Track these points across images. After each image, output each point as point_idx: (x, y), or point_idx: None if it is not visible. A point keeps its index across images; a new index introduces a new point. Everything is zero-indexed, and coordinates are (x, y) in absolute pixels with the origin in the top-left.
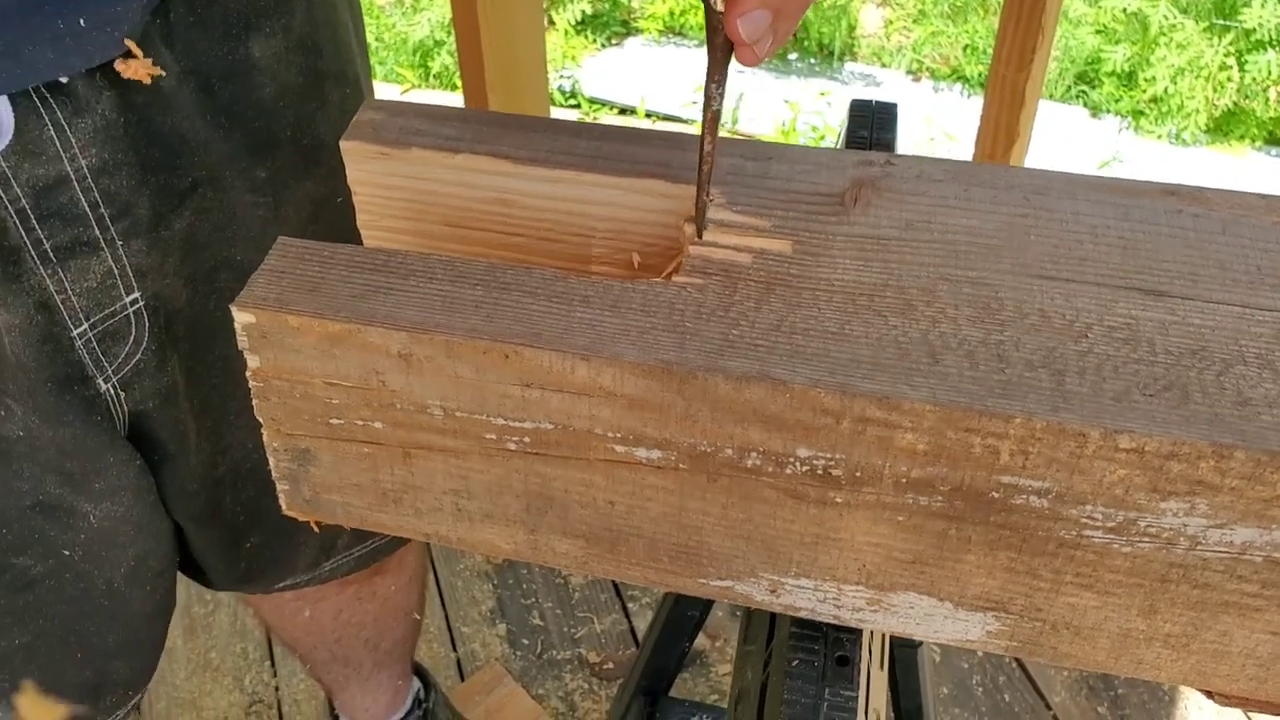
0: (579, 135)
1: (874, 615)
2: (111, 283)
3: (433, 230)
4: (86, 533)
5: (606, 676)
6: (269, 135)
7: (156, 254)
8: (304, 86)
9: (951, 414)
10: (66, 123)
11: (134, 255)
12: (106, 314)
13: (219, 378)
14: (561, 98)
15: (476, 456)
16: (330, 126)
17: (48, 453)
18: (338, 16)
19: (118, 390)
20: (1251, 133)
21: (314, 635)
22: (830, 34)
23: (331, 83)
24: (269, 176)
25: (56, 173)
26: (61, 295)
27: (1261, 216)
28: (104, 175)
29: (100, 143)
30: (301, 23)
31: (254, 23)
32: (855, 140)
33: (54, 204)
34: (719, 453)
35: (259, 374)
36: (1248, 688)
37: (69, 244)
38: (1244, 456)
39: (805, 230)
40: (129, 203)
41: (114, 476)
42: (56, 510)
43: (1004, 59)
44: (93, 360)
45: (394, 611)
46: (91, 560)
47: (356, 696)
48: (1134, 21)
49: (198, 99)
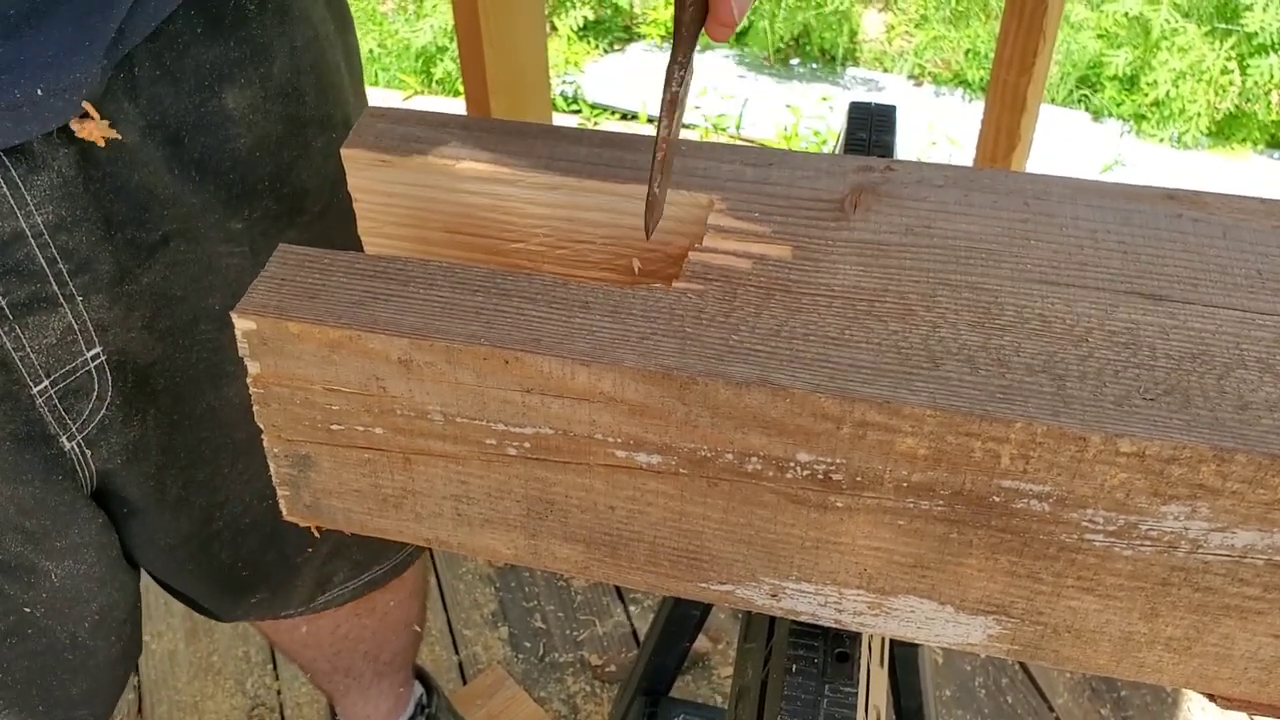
0: (579, 142)
1: (875, 619)
2: (71, 338)
3: (433, 237)
4: (48, 591)
5: (609, 679)
6: (245, 186)
7: (120, 308)
8: (284, 135)
9: (952, 419)
10: (21, 180)
11: (95, 310)
12: (67, 370)
13: (209, 430)
14: (564, 103)
15: (477, 462)
16: (314, 173)
17: (6, 511)
18: (325, 60)
19: (83, 448)
20: (1253, 136)
21: (312, 649)
22: (832, 39)
23: (315, 129)
24: (245, 227)
25: (12, 229)
26: (20, 353)
27: (1261, 221)
28: (61, 231)
29: (57, 200)
30: (282, 69)
31: (228, 73)
32: (854, 143)
33: (10, 260)
34: (719, 458)
35: (259, 380)
36: (1250, 690)
37: (26, 300)
38: (1245, 460)
39: (805, 236)
40: (89, 258)
41: (75, 535)
42: (17, 570)
43: (1005, 63)
44: (55, 418)
45: (393, 626)
46: (54, 616)
47: (358, 704)
48: (1136, 25)
49: (165, 152)
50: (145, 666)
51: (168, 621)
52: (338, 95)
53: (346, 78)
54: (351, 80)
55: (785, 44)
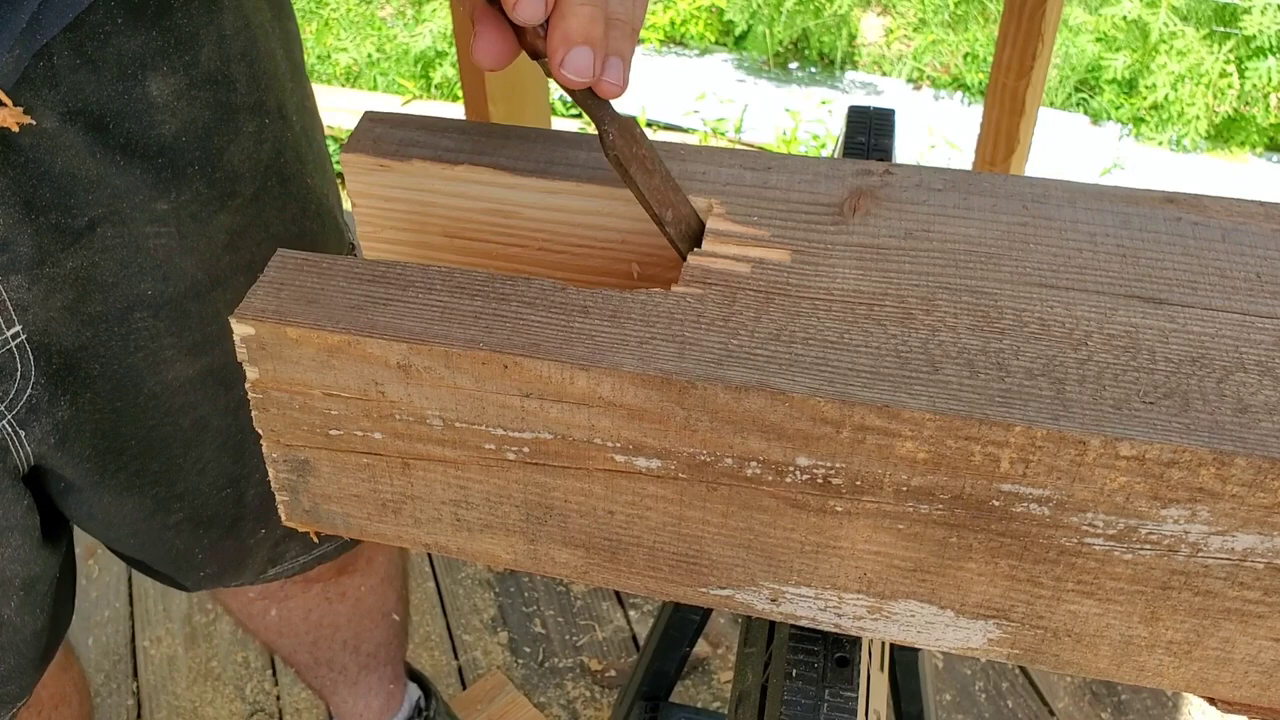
0: (578, 146)
1: (875, 624)
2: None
3: (432, 241)
4: None
5: (608, 684)
6: (173, 170)
7: (40, 289)
8: (213, 120)
9: (951, 422)
10: None
11: (14, 290)
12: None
13: (155, 418)
14: (563, 107)
15: (476, 467)
16: (246, 158)
17: None
18: (258, 47)
19: (15, 428)
20: (1252, 139)
21: (287, 637)
22: (831, 43)
23: (246, 115)
24: (172, 208)
25: None
26: None
27: (1260, 224)
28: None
29: None
30: (210, 57)
31: (151, 62)
32: (853, 146)
33: None
34: (719, 462)
35: (258, 385)
36: (1250, 695)
37: None
38: (1245, 463)
39: (804, 240)
40: (6, 239)
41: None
42: None
43: (1004, 67)
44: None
45: (369, 613)
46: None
47: (348, 701)
48: (1134, 29)
49: (88, 138)
50: (144, 672)
51: (166, 627)
52: (271, 82)
53: (283, 64)
54: (290, 66)
55: (784, 48)
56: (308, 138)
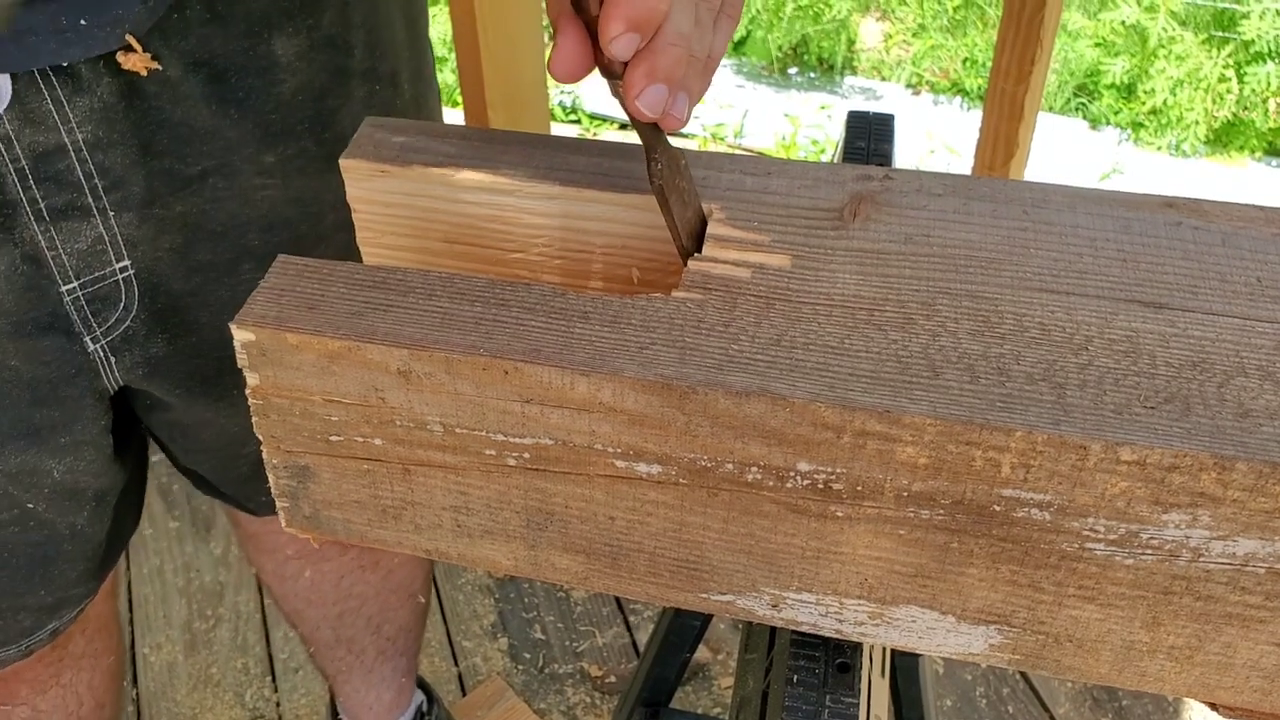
0: (578, 152)
1: (876, 629)
2: (101, 249)
3: (433, 247)
4: (50, 486)
5: (609, 690)
6: (284, 126)
7: (148, 228)
8: (328, 83)
9: (952, 428)
10: (66, 99)
11: (125, 226)
12: (96, 277)
13: None
14: (562, 113)
15: (476, 472)
16: (354, 121)
17: (20, 407)
18: (378, 16)
19: (107, 353)
20: (1251, 144)
21: (316, 606)
22: (830, 48)
23: (359, 80)
24: (278, 161)
25: (55, 142)
26: (52, 252)
27: (1260, 228)
28: (98, 150)
29: (96, 121)
30: (331, 22)
31: (277, 22)
32: (853, 151)
33: (51, 169)
34: (719, 467)
35: (258, 391)
36: (1252, 700)
37: (62, 207)
38: (1246, 468)
39: (805, 245)
40: (122, 178)
41: (79, 431)
42: (19, 474)
43: (1003, 72)
44: (80, 318)
45: (397, 589)
46: (55, 510)
47: (360, 690)
48: (1133, 34)
49: (208, 89)
50: (144, 678)
51: (166, 634)
52: (387, 50)
53: (402, 33)
54: (409, 36)
55: (784, 53)
56: (418, 104)
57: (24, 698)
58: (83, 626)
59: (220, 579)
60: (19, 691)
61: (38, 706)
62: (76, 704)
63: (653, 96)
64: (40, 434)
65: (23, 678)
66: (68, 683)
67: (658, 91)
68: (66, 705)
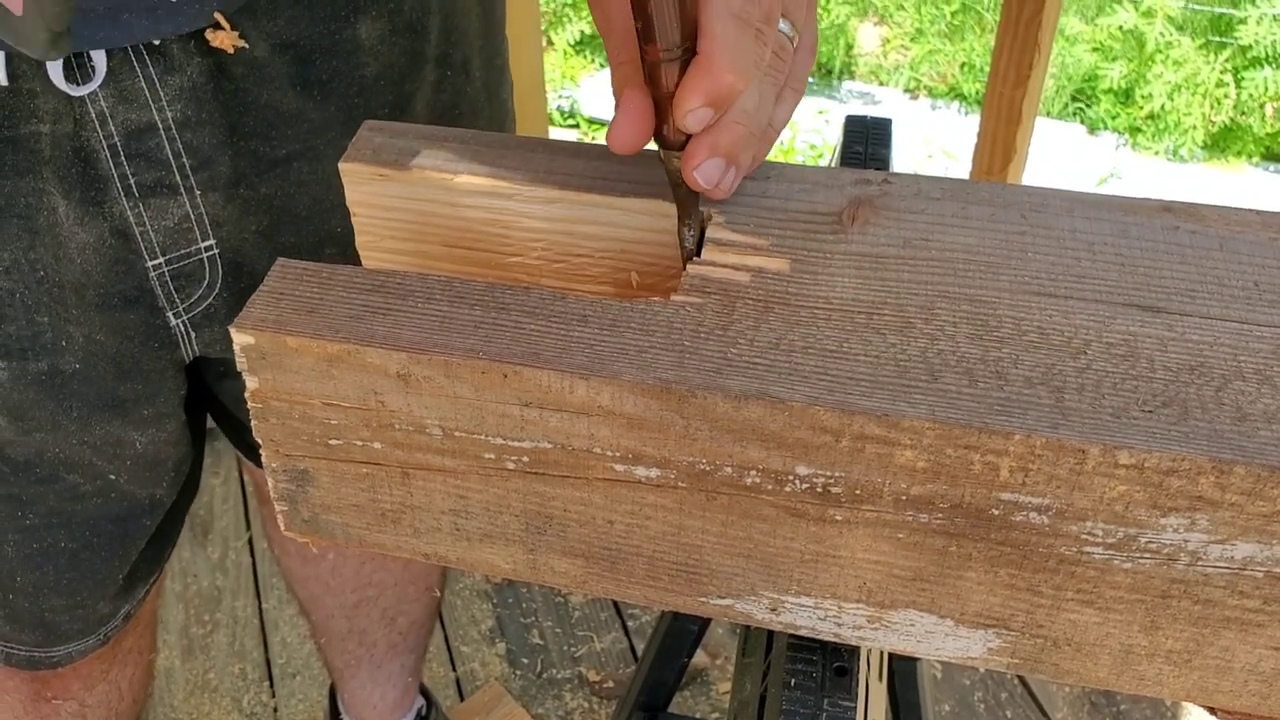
0: (577, 155)
1: (874, 633)
2: (188, 226)
3: (432, 251)
4: (132, 459)
5: (606, 695)
6: (366, 111)
7: (234, 208)
8: (406, 67)
9: (951, 431)
10: (157, 78)
11: (211, 206)
12: (182, 254)
13: None
14: (560, 118)
15: (475, 476)
16: (427, 106)
17: (105, 380)
18: (454, 3)
19: (188, 328)
20: (1248, 149)
21: (334, 593)
22: (828, 53)
23: (431, 66)
24: None
25: (146, 120)
26: (140, 228)
27: (1258, 233)
28: (187, 129)
29: (186, 100)
30: (412, 7)
31: (362, 5)
32: (850, 156)
33: (142, 146)
34: (718, 471)
35: (257, 395)
36: (1250, 704)
37: (152, 184)
38: (1244, 472)
39: (803, 249)
40: (210, 158)
41: (161, 403)
42: (103, 446)
43: (1001, 76)
44: (164, 294)
45: (414, 580)
46: (136, 481)
47: (366, 685)
48: (1130, 39)
49: (294, 71)
50: None
51: (164, 639)
52: (460, 37)
53: (476, 21)
54: (484, 25)
55: None
56: (489, 92)
57: (74, 693)
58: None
59: (218, 584)
60: (71, 686)
61: (85, 701)
62: (118, 699)
63: (711, 170)
64: (125, 406)
65: (79, 673)
66: (114, 679)
67: (715, 166)
68: (109, 701)
